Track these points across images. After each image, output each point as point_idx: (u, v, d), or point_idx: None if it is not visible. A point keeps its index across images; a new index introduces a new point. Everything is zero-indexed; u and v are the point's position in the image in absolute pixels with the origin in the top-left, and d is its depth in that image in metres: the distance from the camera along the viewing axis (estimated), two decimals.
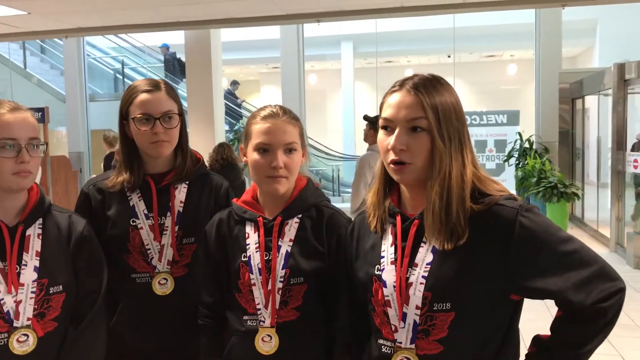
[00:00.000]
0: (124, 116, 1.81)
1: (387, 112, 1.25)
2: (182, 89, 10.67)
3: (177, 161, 1.85)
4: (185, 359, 1.81)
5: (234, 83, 14.12)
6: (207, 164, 2.36)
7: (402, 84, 1.26)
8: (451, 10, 7.68)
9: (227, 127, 10.12)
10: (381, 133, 1.27)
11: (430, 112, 1.21)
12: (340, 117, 15.34)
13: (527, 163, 8.71)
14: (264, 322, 1.50)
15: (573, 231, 8.17)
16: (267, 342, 1.49)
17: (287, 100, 10.31)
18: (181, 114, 1.83)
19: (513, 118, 10.35)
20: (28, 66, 13.02)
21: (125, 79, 12.91)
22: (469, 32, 11.76)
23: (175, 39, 10.15)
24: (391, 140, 1.23)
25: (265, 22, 7.89)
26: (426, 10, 7.44)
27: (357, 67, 15.21)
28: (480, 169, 1.28)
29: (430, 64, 15.42)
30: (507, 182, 9.07)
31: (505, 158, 9.58)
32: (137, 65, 13.82)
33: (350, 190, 4.62)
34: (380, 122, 1.27)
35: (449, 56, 13.54)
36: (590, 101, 9.23)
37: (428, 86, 1.24)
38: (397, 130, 1.23)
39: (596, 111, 8.76)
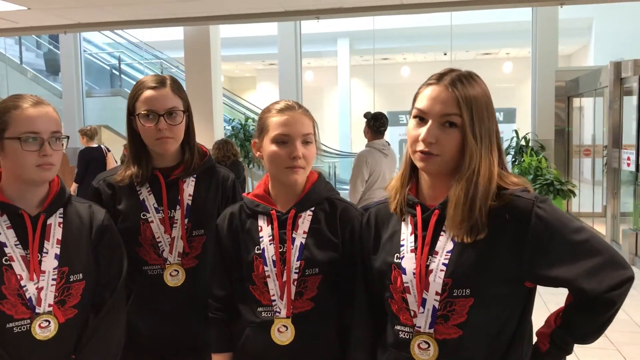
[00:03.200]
0: (130, 112, 1.83)
1: (421, 104, 1.29)
2: None
3: (185, 156, 1.87)
4: (196, 348, 1.85)
5: None
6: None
7: (439, 77, 1.29)
8: (449, 8, 7.71)
9: None
10: (412, 122, 1.30)
11: (465, 110, 1.24)
12: (336, 114, 15.36)
13: (524, 160, 8.76)
14: (279, 313, 1.53)
15: None
16: (283, 332, 1.52)
17: (284, 97, 10.31)
18: (187, 110, 1.85)
19: (509, 116, 10.42)
20: (24, 61, 12.98)
21: (122, 75, 12.88)
22: (465, 30, 11.79)
23: (175, 35, 10.14)
24: (422, 131, 1.26)
25: (265, 18, 7.92)
26: (424, 8, 7.48)
27: (353, 64, 15.23)
28: (506, 167, 1.32)
29: (426, 61, 15.46)
30: None
31: None
32: (134, 61, 13.79)
33: (345, 187, 4.65)
34: (414, 111, 1.30)
35: (445, 54, 13.59)
36: (586, 99, 9.31)
37: (465, 83, 1.26)
38: (429, 123, 1.26)
39: (592, 109, 8.83)
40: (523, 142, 9.28)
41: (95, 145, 7.16)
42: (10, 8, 6.71)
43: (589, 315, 1.25)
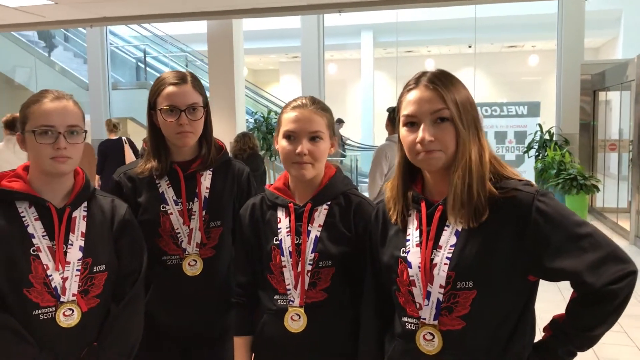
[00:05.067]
0: (152, 106, 1.90)
1: (408, 109, 1.33)
2: None
3: (203, 150, 1.93)
4: (213, 336, 1.92)
5: (340, 121, 11.82)
6: (231, 153, 2.43)
7: (416, 81, 1.34)
8: (473, 0, 7.65)
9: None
10: (404, 130, 1.34)
11: (451, 103, 1.29)
12: (359, 107, 15.35)
13: (547, 155, 8.68)
14: (293, 301, 1.59)
15: (592, 223, 8.13)
16: (295, 320, 1.58)
17: (307, 89, 10.36)
18: (206, 105, 1.91)
19: (533, 109, 10.26)
20: (52, 54, 13.24)
21: (147, 68, 13.06)
22: (490, 22, 11.69)
23: (198, 28, 10.25)
24: (419, 133, 1.30)
25: (288, 12, 7.95)
26: (448, 1, 7.44)
27: (376, 56, 15.19)
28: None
29: (450, 54, 15.36)
30: (526, 173, 9.03)
31: (525, 149, 9.53)
32: (159, 54, 13.96)
33: (367, 180, 4.68)
34: (403, 119, 1.35)
35: (469, 46, 13.50)
36: (613, 93, 9.16)
37: (442, 79, 1.32)
38: (423, 124, 1.30)
39: (618, 103, 8.68)
40: (547, 136, 9.18)
41: (116, 138, 7.39)
42: (38, 2, 6.86)
43: (590, 308, 1.27)
